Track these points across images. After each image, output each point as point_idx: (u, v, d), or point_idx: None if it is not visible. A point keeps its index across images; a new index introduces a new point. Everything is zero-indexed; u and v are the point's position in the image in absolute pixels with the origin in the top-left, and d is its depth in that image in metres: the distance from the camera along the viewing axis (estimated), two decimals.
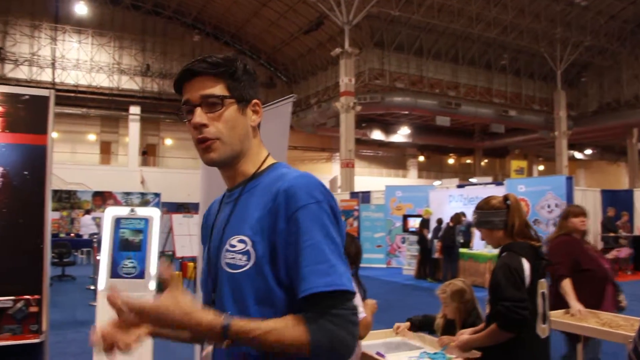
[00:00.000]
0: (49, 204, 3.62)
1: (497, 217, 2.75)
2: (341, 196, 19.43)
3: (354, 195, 18.99)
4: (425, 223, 13.08)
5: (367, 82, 27.29)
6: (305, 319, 1.14)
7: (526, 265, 2.59)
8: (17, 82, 25.95)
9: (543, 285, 2.68)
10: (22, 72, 28.06)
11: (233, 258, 1.24)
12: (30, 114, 3.58)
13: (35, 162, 3.55)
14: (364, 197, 18.24)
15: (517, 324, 2.46)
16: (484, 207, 2.82)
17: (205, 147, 1.30)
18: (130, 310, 1.06)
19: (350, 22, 23.33)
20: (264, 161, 1.39)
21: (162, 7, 30.56)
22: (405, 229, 14.70)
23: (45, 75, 28.41)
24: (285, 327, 1.13)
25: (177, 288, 1.11)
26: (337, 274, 1.16)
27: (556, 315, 3.81)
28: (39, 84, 26.39)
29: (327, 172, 34.05)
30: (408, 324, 3.52)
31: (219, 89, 1.31)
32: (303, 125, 31.82)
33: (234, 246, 1.25)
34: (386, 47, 28.10)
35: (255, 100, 1.38)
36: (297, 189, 1.22)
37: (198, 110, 1.30)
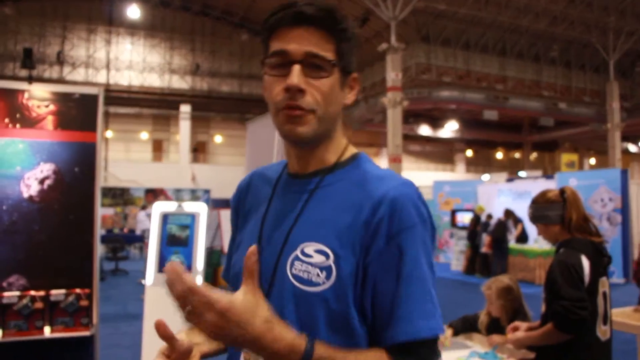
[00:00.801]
0: (99, 200, 3.70)
1: (553, 211, 2.60)
2: None
3: None
4: (477, 219, 12.87)
5: (414, 77, 27.00)
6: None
7: (585, 262, 2.42)
8: (75, 84, 26.81)
9: (604, 284, 2.51)
10: (79, 75, 28.96)
11: (307, 272, 0.97)
12: (80, 112, 3.67)
13: (86, 159, 3.64)
14: None
15: (575, 324, 2.31)
16: (539, 201, 2.68)
17: (295, 117, 1.00)
18: (194, 296, 0.79)
19: (396, 17, 23.08)
20: (345, 149, 1.13)
21: (210, 8, 30.96)
22: (453, 224, 14.49)
23: (101, 77, 29.23)
24: None
25: (255, 287, 0.88)
26: (438, 314, 0.98)
27: (622, 313, 3.65)
28: (94, 85, 27.14)
29: None
30: (451, 330, 3.38)
31: (329, 50, 1.01)
32: (350, 121, 31.70)
33: (309, 256, 0.98)
34: (432, 42, 27.72)
35: (354, 75, 1.10)
36: (405, 202, 0.98)
37: (297, 69, 0.99)
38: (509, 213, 12.07)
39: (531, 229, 11.98)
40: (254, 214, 1.15)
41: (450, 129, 33.11)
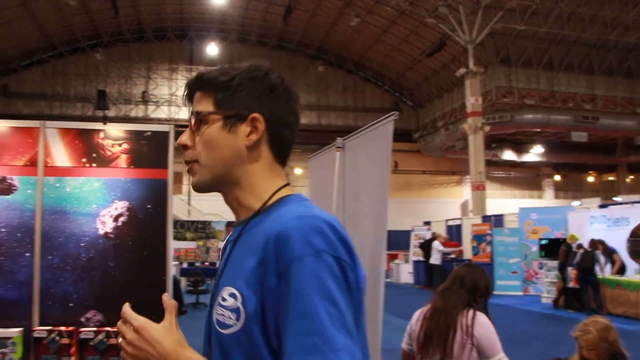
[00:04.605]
0: (171, 236, 3.71)
1: None
2: (473, 220, 18.72)
3: (486, 219, 18.21)
4: (569, 249, 12.09)
5: (494, 101, 26.32)
6: None
7: None
8: (159, 121, 28.09)
9: None
10: (162, 112, 30.29)
11: (223, 315, 1.00)
12: (152, 149, 3.71)
13: (158, 195, 3.67)
14: (497, 220, 17.41)
15: None
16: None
17: (188, 170, 1.16)
18: (121, 320, 1.00)
19: (474, 40, 22.71)
20: (275, 193, 1.12)
21: (286, 41, 31.70)
22: (542, 253, 13.76)
23: (182, 114, 30.41)
24: None
25: (172, 318, 1.02)
26: (333, 350, 0.88)
27: None
28: (177, 122, 28.30)
29: (458, 195, 33.11)
30: None
31: (209, 104, 1.14)
32: (431, 149, 31.31)
33: (225, 300, 1.01)
34: (513, 63, 26.97)
35: (254, 115, 1.11)
36: (291, 234, 0.96)
37: (187, 130, 1.17)
38: (595, 243, 11.28)
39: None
40: None
41: (536, 153, 31.99)
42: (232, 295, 1.00)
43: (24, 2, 24.41)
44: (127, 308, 1.01)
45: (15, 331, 3.28)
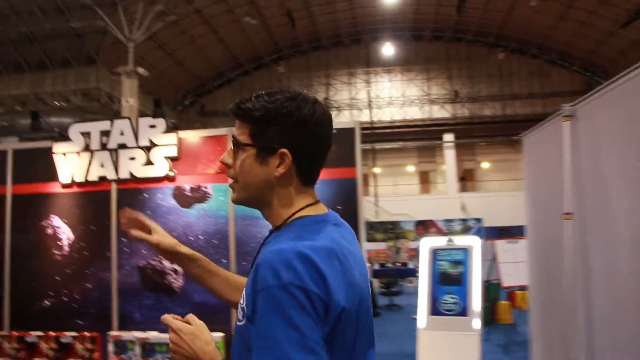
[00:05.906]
0: (362, 235, 3.55)
1: None
2: None
3: None
4: None
5: None
6: None
7: None
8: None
9: None
10: (344, 117, 30.97)
11: (240, 307, 1.20)
12: (338, 148, 3.57)
13: (348, 195, 3.54)
14: None
15: None
16: None
17: (230, 186, 1.35)
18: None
19: None
20: (294, 214, 1.29)
21: (462, 33, 30.61)
22: None
23: (364, 116, 30.80)
24: None
25: (201, 323, 1.36)
26: None
27: None
28: (360, 125, 28.71)
29: None
30: None
31: (242, 134, 1.29)
32: None
33: (242, 296, 1.20)
34: None
35: (282, 150, 1.24)
36: (264, 266, 1.11)
37: (229, 150, 1.33)
38: None
39: None
40: None
41: None
42: (243, 295, 1.19)
43: (213, 30, 26.66)
44: (165, 316, 1.33)
45: (217, 335, 3.31)
